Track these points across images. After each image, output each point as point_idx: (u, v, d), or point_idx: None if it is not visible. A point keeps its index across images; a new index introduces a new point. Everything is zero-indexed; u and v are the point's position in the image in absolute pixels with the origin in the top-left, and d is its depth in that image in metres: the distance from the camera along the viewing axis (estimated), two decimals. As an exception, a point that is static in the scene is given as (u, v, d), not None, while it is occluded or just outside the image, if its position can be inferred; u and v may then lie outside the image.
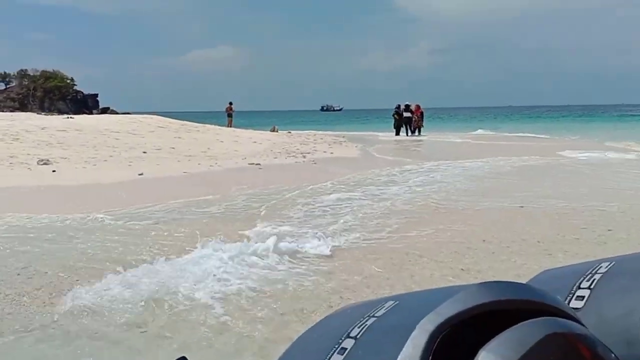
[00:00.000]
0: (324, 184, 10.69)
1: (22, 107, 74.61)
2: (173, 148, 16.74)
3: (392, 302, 0.65)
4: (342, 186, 10.63)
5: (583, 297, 0.74)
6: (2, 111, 61.16)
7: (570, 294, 0.75)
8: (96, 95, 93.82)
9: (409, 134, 28.73)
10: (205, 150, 16.73)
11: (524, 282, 0.84)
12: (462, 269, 5.31)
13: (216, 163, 14.35)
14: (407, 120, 28.89)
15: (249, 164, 14.56)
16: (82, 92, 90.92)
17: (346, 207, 8.43)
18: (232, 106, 34.13)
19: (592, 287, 0.75)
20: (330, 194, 9.60)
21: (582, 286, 0.76)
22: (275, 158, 16.12)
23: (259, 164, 14.49)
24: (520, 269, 5.24)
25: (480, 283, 0.66)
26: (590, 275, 0.77)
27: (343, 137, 26.39)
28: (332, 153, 18.02)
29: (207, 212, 8.06)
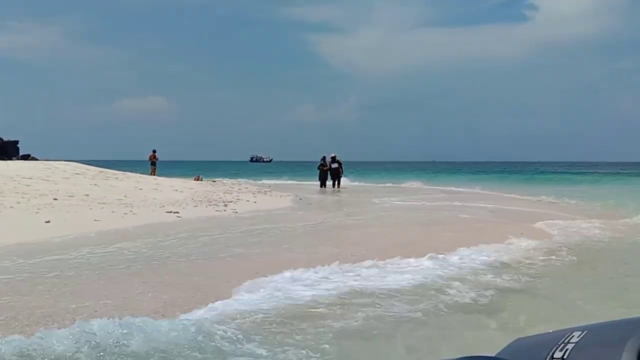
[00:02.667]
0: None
1: None
2: (87, 195, 16.00)
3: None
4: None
5: None
6: None
7: None
8: (16, 142, 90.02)
9: (335, 185, 28.67)
10: (122, 198, 16.08)
11: (498, 350, 0.89)
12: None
13: (131, 211, 13.78)
14: (335, 171, 28.86)
15: (166, 212, 14.09)
16: (2, 139, 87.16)
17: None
18: (156, 154, 33.46)
19: (565, 357, 0.77)
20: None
21: (555, 356, 0.78)
22: (196, 206, 15.71)
23: (178, 212, 14.05)
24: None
25: (458, 359, 0.74)
26: (563, 344, 0.80)
27: (269, 186, 26.21)
28: (255, 202, 17.77)
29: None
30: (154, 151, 33.50)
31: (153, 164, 32.96)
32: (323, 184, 28.88)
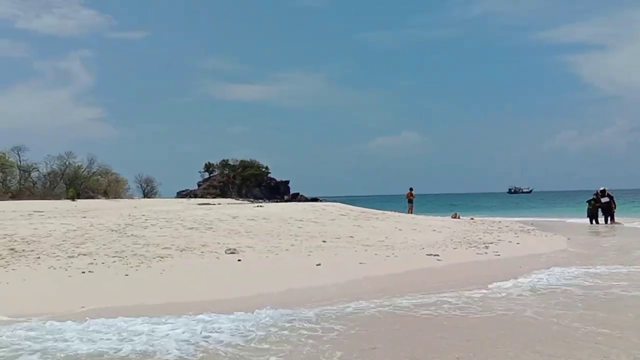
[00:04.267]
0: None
1: (223, 193, 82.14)
2: (351, 237, 16.84)
3: None
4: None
5: None
6: (206, 197, 67.76)
7: None
8: (287, 182, 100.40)
9: (608, 222, 26.09)
10: (383, 240, 16.58)
11: None
12: None
13: (393, 253, 14.08)
14: (605, 206, 26.38)
15: (426, 254, 14.09)
16: (275, 179, 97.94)
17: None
18: (413, 192, 34.21)
19: None
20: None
21: None
22: (455, 249, 15.45)
23: (438, 255, 13.95)
24: None
25: None
26: None
27: (531, 224, 24.76)
28: (518, 244, 16.87)
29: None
30: (411, 189, 34.36)
31: (410, 201, 33.83)
32: (593, 220, 26.47)
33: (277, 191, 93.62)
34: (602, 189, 26.62)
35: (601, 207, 26.41)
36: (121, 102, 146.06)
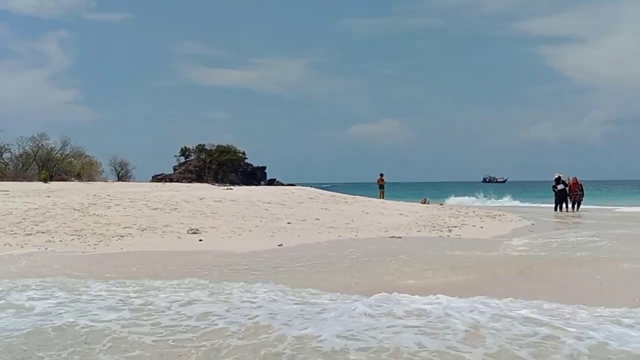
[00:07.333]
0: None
1: (199, 178, 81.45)
2: (317, 219, 16.91)
3: None
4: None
5: None
6: (181, 182, 67.28)
7: None
8: (264, 167, 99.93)
9: (566, 209, 26.39)
10: (349, 222, 16.68)
11: None
12: None
13: (356, 235, 14.19)
14: (561, 193, 26.66)
15: (389, 236, 14.21)
16: (252, 165, 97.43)
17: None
18: (384, 177, 34.34)
19: None
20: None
21: None
22: (419, 231, 15.61)
23: (400, 237, 14.09)
24: None
25: None
26: None
27: (498, 210, 25.08)
28: (481, 227, 17.10)
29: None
30: (382, 175, 34.41)
31: (381, 187, 33.92)
32: (556, 208, 26.75)
33: (254, 177, 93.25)
34: (556, 176, 26.83)
35: (556, 194, 26.72)
36: (98, 85, 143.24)
